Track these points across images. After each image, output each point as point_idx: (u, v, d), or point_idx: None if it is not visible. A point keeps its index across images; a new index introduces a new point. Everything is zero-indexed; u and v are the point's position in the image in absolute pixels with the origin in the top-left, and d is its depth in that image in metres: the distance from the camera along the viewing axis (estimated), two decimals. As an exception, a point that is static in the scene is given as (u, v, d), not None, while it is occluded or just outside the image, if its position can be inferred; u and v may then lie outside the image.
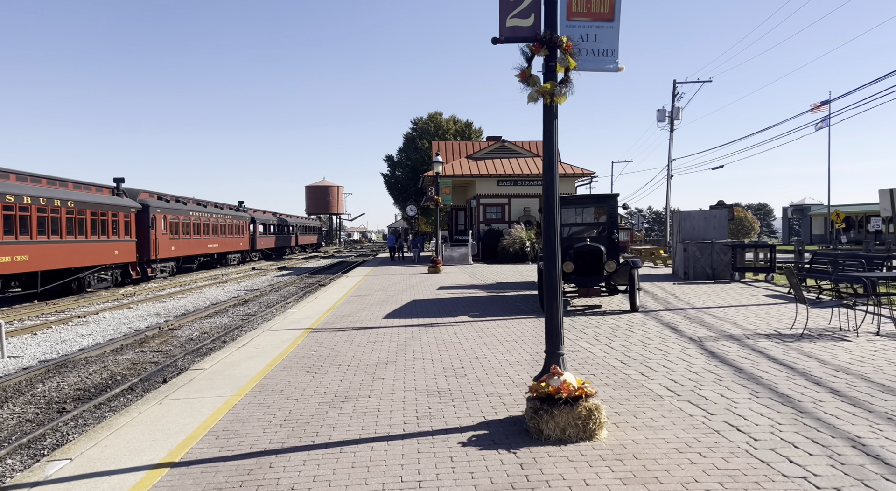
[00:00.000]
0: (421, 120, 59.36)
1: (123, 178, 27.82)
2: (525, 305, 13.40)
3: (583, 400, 4.78)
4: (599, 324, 10.53)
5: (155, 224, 29.36)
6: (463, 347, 8.74)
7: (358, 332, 10.35)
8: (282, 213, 59.53)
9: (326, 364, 7.86)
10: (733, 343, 8.45)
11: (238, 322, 15.23)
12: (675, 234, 21.16)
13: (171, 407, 6.07)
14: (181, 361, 10.63)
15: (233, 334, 13.41)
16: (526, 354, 8.13)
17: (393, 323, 11.24)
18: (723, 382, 6.37)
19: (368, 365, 7.74)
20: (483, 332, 10.05)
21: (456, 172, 33.54)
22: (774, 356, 7.52)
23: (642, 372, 6.93)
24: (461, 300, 14.66)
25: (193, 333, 13.80)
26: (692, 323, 10.34)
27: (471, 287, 18.02)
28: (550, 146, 5.24)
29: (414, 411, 5.67)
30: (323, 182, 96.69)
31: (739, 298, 13.60)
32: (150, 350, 11.71)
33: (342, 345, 9.16)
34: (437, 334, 9.89)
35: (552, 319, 5.28)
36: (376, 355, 8.34)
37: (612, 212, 12.98)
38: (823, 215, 62.92)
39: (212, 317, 16.33)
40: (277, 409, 5.89)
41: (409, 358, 8.11)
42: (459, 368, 7.45)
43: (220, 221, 39.50)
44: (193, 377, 7.38)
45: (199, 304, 19.51)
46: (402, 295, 16.19)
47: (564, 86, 5.11)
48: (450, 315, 12.12)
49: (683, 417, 5.22)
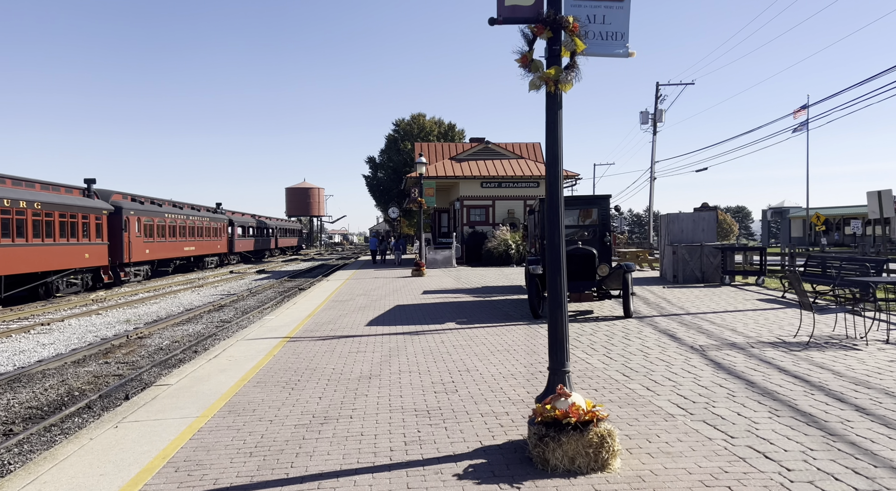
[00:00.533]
0: (403, 121, 58.75)
1: (95, 179, 26.85)
2: (514, 311, 12.87)
3: (594, 425, 4.23)
4: (594, 331, 10.02)
5: (128, 226, 28.39)
6: (452, 358, 8.17)
7: (339, 341, 9.73)
8: (261, 216, 58.51)
9: (304, 378, 7.23)
10: (738, 352, 7.98)
11: (212, 330, 14.49)
12: (663, 237, 20.80)
13: (127, 432, 5.41)
14: (147, 375, 9.90)
15: (205, 344, 12.68)
16: (520, 366, 7.57)
17: (376, 331, 10.63)
18: (736, 397, 5.87)
19: (350, 379, 7.14)
20: (472, 340, 9.48)
21: (439, 174, 32.98)
22: (785, 367, 7.05)
23: (647, 386, 6.41)
24: (447, 305, 14.09)
25: (164, 341, 13.03)
26: (690, 330, 9.87)
27: (456, 291, 17.46)
28: (555, 139, 4.70)
29: (402, 435, 5.08)
30: (303, 184, 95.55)
31: (734, 303, 13.20)
32: (115, 361, 10.95)
33: (322, 356, 8.54)
34: (424, 343, 9.31)
35: (556, 331, 4.73)
36: (359, 368, 7.74)
37: (605, 214, 12.50)
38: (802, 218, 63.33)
39: (185, 324, 15.55)
40: (248, 433, 5.26)
41: (394, 371, 7.52)
42: (449, 382, 6.88)
43: (196, 224, 38.50)
44: (157, 395, 6.71)
45: (172, 309, 18.69)
46: (386, 300, 15.58)
47: (571, 71, 4.57)
48: (436, 322, 11.54)
49: (702, 441, 4.69)
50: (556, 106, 4.68)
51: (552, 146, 4.71)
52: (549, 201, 4.72)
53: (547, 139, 4.73)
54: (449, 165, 34.50)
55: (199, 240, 39.15)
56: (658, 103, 42.86)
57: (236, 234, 47.38)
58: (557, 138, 4.69)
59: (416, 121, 58.16)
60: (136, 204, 30.36)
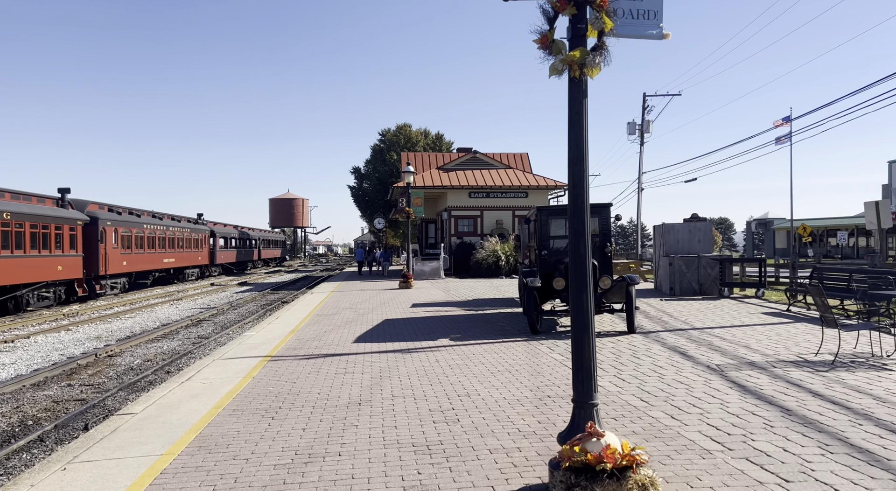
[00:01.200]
0: (389, 131, 58.14)
1: (69, 188, 25.83)
2: (509, 325, 12.18)
3: (632, 471, 3.54)
4: (599, 349, 9.35)
5: (105, 237, 27.35)
6: (449, 380, 7.45)
7: (324, 360, 8.97)
8: (244, 227, 57.43)
9: (286, 405, 6.48)
10: (760, 373, 7.34)
11: (188, 347, 13.62)
12: (658, 248, 20.27)
13: (76, 475, 4.62)
14: (112, 400, 9.03)
15: (179, 363, 11.81)
16: (525, 389, 6.87)
17: (365, 348, 9.88)
18: (775, 428, 5.21)
19: (338, 406, 6.39)
20: (469, 359, 8.77)
21: (426, 184, 32.34)
22: (818, 391, 6.42)
23: (672, 415, 5.73)
24: (438, 319, 13.37)
25: (135, 360, 12.14)
26: (701, 347, 9.24)
27: (446, 304, 16.74)
28: (579, 132, 4.04)
29: (399, 479, 4.35)
30: (287, 195, 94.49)
31: (738, 317, 12.62)
32: (79, 384, 10.05)
33: (306, 378, 7.78)
34: (417, 363, 8.58)
35: (583, 356, 4.04)
36: (346, 392, 6.99)
37: (605, 223, 11.89)
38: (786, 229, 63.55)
39: (159, 340, 14.65)
40: (220, 476, 4.50)
41: (386, 395, 6.78)
42: (449, 409, 6.16)
43: (177, 235, 37.46)
44: (118, 426, 5.91)
45: (147, 325, 17.75)
46: (373, 314, 14.82)
47: (598, 53, 3.92)
48: (428, 338, 10.82)
49: (753, 486, 4.02)
50: (581, 94, 4.03)
51: (576, 140, 4.05)
52: (572, 206, 4.06)
53: (570, 132, 4.07)
54: (436, 175, 33.88)
55: (180, 251, 38.08)
56: (645, 114, 42.59)
57: (218, 246, 46.29)
58: (582, 131, 4.04)
59: (402, 131, 57.57)
60: (114, 214, 29.33)
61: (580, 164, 4.06)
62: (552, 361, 8.51)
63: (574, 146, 4.06)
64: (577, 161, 4.06)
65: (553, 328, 11.62)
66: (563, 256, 11.75)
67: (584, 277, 4.03)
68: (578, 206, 4.03)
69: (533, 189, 33.48)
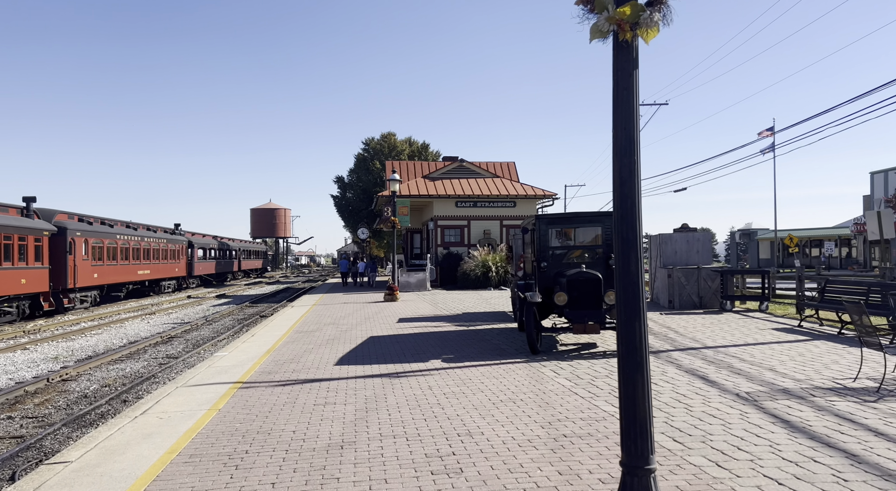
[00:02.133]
0: (373, 140, 57.19)
1: (35, 197, 24.47)
2: (505, 343, 11.22)
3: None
4: (609, 372, 8.41)
5: (74, 249, 25.98)
6: (446, 413, 6.46)
7: (302, 387, 7.93)
8: (223, 237, 55.98)
9: (255, 448, 5.44)
10: (799, 403, 6.45)
11: (154, 369, 12.46)
12: (654, 259, 19.48)
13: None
14: (52, 439, 7.82)
15: (140, 389, 10.64)
16: (535, 426, 5.90)
17: (348, 372, 8.86)
18: (848, 482, 4.30)
19: (316, 450, 5.37)
20: (466, 385, 7.79)
21: (412, 193, 31.39)
22: (876, 428, 5.52)
23: (717, 461, 4.79)
24: (428, 337, 12.37)
25: (92, 385, 10.95)
26: (721, 370, 8.35)
27: (435, 319, 15.74)
28: (629, 113, 3.11)
29: (393, 565, 3.35)
30: (269, 204, 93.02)
31: (750, 334, 11.78)
32: (21, 416, 8.86)
33: (280, 411, 6.74)
34: (408, 390, 7.58)
35: (636, 408, 3.09)
36: (327, 430, 5.97)
37: (609, 232, 11.02)
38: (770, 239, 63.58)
39: (123, 361, 13.45)
40: (158, 560, 3.47)
41: (373, 435, 5.78)
42: (449, 454, 5.16)
43: (152, 245, 36.06)
44: (45, 480, 4.84)
45: (113, 342, 16.50)
46: (357, 330, 13.78)
47: (655, 10, 3.00)
48: (418, 359, 9.82)
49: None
50: (630, 64, 3.11)
51: (624, 123, 3.12)
52: (620, 209, 3.12)
53: (616, 114, 3.14)
54: (422, 184, 32.97)
55: (155, 262, 36.67)
56: (632, 123, 42.12)
57: (196, 257, 44.84)
58: (631, 111, 3.11)
59: (386, 140, 56.64)
60: (84, 224, 27.97)
61: (630, 154, 3.12)
62: (559, 387, 7.56)
63: (621, 131, 3.13)
64: (625, 151, 3.13)
65: (554, 347, 10.68)
66: (563, 268, 10.84)
67: (636, 302, 3.08)
68: (628, 210, 3.10)
69: (521, 198, 32.68)
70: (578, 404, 6.71)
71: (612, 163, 3.17)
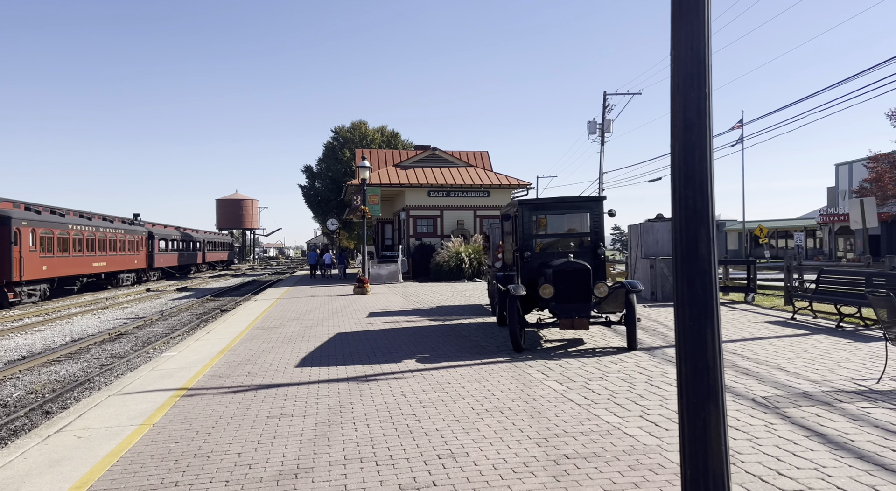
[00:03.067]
0: (343, 129, 55.69)
1: (-25, 182, 22.69)
2: (485, 340, 10.28)
3: None
4: (604, 373, 7.54)
5: (19, 239, 24.24)
6: (423, 427, 5.48)
7: (256, 394, 6.88)
8: (186, 228, 53.98)
9: (188, 479, 4.40)
10: (829, 412, 5.64)
11: (93, 371, 11.20)
12: (635, 249, 18.78)
13: None
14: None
15: (69, 397, 9.38)
16: (529, 443, 4.96)
17: (310, 375, 7.82)
18: (930, 519, 3.45)
19: (264, 479, 4.35)
20: (445, 391, 6.82)
21: (383, 181, 30.26)
22: (928, 441, 4.72)
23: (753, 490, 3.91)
24: (400, 333, 11.37)
25: (16, 392, 9.66)
26: (727, 370, 7.53)
27: (408, 313, 14.75)
28: (698, 26, 2.14)
29: None
30: (235, 195, 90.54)
31: (744, 327, 11.05)
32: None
33: (226, 426, 5.69)
34: (378, 398, 6.58)
35: (707, 448, 2.14)
36: (279, 451, 4.95)
37: (597, 220, 10.15)
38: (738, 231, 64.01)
39: (61, 362, 12.14)
40: None
41: (335, 458, 4.77)
42: (428, 485, 4.19)
43: (109, 236, 34.24)
44: None
45: (54, 340, 15.12)
46: (323, 326, 12.71)
47: None
48: (390, 359, 8.82)
49: None
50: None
51: (692, 41, 2.15)
52: (683, 162, 2.15)
53: (677, 28, 2.17)
54: (393, 173, 31.84)
55: (112, 254, 34.85)
56: (606, 113, 41.57)
57: (157, 248, 42.96)
58: (702, 23, 2.14)
59: (357, 128, 55.20)
60: (31, 214, 26.19)
61: (700, 86, 2.14)
62: (550, 392, 6.64)
63: (687, 52, 2.15)
64: (691, 81, 2.15)
65: (538, 344, 9.79)
66: (549, 258, 9.94)
67: (708, 300, 2.13)
68: (695, 167, 2.14)
69: (495, 188, 31.81)
70: (576, 414, 5.80)
71: (671, 100, 2.20)
